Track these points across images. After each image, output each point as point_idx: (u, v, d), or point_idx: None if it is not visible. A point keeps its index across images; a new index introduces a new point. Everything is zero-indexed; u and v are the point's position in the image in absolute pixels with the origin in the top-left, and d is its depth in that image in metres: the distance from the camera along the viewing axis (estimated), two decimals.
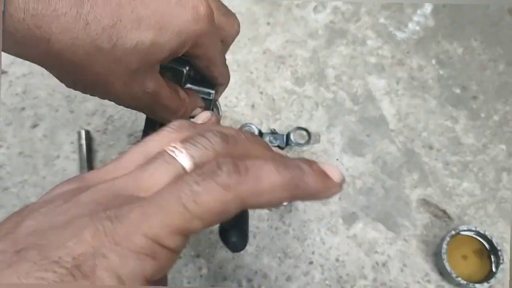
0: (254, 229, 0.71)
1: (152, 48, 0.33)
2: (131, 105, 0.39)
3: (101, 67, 0.32)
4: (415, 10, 0.87)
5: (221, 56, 0.43)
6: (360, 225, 0.72)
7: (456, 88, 0.81)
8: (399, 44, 0.84)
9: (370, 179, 0.74)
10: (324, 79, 0.81)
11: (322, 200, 0.29)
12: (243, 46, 0.82)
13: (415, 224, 0.72)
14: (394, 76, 0.82)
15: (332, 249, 0.70)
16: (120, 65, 0.32)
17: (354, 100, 0.80)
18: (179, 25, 0.34)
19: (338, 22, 0.85)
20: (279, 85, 0.80)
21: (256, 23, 0.84)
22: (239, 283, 0.67)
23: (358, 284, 0.68)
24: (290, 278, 0.68)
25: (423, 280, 0.69)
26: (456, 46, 0.84)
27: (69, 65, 0.32)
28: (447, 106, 0.80)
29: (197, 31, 0.35)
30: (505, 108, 0.80)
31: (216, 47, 0.40)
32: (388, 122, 0.78)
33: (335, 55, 0.83)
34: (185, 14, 0.34)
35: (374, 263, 0.69)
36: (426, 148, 0.77)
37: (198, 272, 0.68)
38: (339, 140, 0.77)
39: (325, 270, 0.69)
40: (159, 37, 0.33)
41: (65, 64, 0.32)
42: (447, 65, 0.83)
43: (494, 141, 0.77)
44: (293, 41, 0.83)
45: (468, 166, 0.76)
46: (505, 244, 0.70)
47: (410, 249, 0.70)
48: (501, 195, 0.74)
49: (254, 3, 0.85)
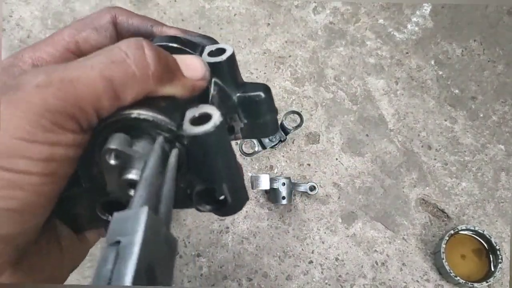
0: (254, 228, 0.71)
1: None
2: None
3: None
4: (414, 11, 0.87)
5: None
6: (359, 224, 0.72)
7: (455, 88, 0.82)
8: (398, 44, 0.84)
9: (369, 178, 0.75)
10: (324, 79, 0.81)
11: (178, 94, 0.25)
12: (243, 46, 0.82)
13: (414, 223, 0.72)
14: (393, 76, 0.82)
15: (332, 248, 0.70)
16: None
17: (353, 100, 0.80)
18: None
19: (338, 23, 0.86)
20: (278, 85, 0.80)
21: (256, 24, 0.84)
22: (239, 282, 0.68)
23: (358, 283, 0.68)
24: (290, 277, 0.68)
25: (422, 279, 0.69)
26: (455, 46, 0.84)
27: None
28: (446, 106, 0.80)
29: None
30: (504, 108, 0.80)
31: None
32: (387, 122, 0.79)
33: (335, 55, 0.83)
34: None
35: (373, 262, 0.70)
36: (425, 148, 0.77)
37: (198, 271, 0.68)
38: (339, 139, 0.77)
39: (324, 269, 0.69)
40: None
41: None
42: (446, 65, 0.83)
43: (493, 141, 0.78)
44: (292, 42, 0.84)
45: (467, 165, 0.76)
46: (504, 244, 0.71)
47: (409, 248, 0.71)
48: (499, 195, 0.74)
49: (254, 4, 0.86)
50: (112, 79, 0.21)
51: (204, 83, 0.26)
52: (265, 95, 0.30)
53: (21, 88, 0.20)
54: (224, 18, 0.84)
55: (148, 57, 0.22)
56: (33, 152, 0.20)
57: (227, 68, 0.29)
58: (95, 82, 0.21)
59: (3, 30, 0.81)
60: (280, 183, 0.68)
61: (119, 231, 0.16)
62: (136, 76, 0.22)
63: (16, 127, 0.20)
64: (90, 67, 0.21)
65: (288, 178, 0.69)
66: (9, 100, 0.20)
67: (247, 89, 0.30)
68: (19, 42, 0.81)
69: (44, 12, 0.83)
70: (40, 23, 0.82)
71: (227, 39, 0.82)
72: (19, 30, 0.81)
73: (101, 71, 0.21)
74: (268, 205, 0.72)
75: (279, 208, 0.72)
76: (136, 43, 0.22)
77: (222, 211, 0.26)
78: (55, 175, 0.21)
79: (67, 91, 0.20)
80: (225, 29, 0.83)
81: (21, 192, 0.20)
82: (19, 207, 0.20)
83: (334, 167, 0.75)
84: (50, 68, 0.21)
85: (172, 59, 0.24)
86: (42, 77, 0.20)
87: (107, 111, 0.22)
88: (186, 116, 0.24)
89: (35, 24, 0.82)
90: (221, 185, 0.25)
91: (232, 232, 0.70)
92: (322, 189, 0.73)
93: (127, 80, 0.22)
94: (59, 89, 0.20)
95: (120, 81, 0.21)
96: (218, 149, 0.24)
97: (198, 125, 0.22)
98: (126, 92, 0.22)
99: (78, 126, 0.21)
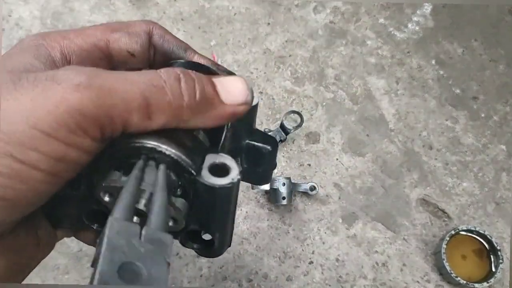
0: (254, 229, 0.71)
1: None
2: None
3: None
4: (415, 10, 0.87)
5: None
6: (360, 224, 0.72)
7: (456, 88, 0.81)
8: (398, 44, 0.84)
9: (370, 178, 0.74)
10: (324, 79, 0.81)
11: (209, 124, 0.24)
12: (243, 46, 0.82)
13: (414, 224, 0.72)
14: (394, 76, 0.82)
15: (332, 249, 0.70)
16: None
17: (354, 100, 0.80)
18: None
19: (338, 22, 0.85)
20: (279, 85, 0.80)
21: (256, 23, 0.84)
22: (239, 283, 0.67)
23: (358, 283, 0.68)
24: (290, 277, 0.68)
25: (422, 280, 0.69)
26: (456, 46, 0.84)
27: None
28: (447, 106, 0.80)
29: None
30: (505, 108, 0.80)
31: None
32: (388, 122, 0.78)
33: (335, 55, 0.83)
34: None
35: (374, 263, 0.70)
36: (426, 148, 0.77)
37: (198, 272, 0.68)
38: (339, 139, 0.77)
39: (325, 269, 0.69)
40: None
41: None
42: (447, 65, 0.83)
43: (494, 141, 0.78)
44: (293, 41, 0.83)
45: (467, 166, 0.76)
46: (505, 244, 0.70)
47: (409, 248, 0.71)
48: (500, 195, 0.74)
49: (254, 3, 0.86)
50: (148, 100, 0.21)
51: (247, 108, 0.25)
52: (272, 149, 0.31)
53: (59, 82, 0.20)
54: (224, 18, 0.84)
55: (183, 90, 0.23)
56: (48, 149, 0.20)
57: (248, 115, 0.30)
58: (133, 97, 0.21)
59: (3, 30, 0.80)
60: (280, 183, 0.68)
61: (97, 249, 0.18)
62: (171, 104, 0.22)
63: (40, 119, 0.19)
64: (130, 82, 0.21)
65: (288, 178, 0.69)
66: (43, 89, 0.20)
67: (257, 139, 0.31)
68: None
69: (43, 12, 0.83)
70: (39, 23, 0.82)
71: (227, 38, 0.82)
72: (18, 30, 0.81)
73: (140, 89, 0.21)
74: (268, 206, 0.72)
75: (279, 208, 0.72)
76: (175, 73, 0.23)
77: (205, 252, 0.27)
78: (59, 176, 0.21)
79: (104, 99, 0.20)
80: (225, 28, 0.83)
81: (21, 185, 0.20)
82: (13, 198, 0.20)
83: (335, 167, 0.75)
84: (92, 71, 0.21)
85: (210, 87, 0.24)
86: (83, 78, 0.20)
87: (134, 128, 0.22)
88: (206, 161, 0.24)
89: (34, 23, 0.82)
90: (216, 232, 0.26)
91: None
92: (322, 189, 0.73)
93: (163, 105, 0.22)
94: (97, 95, 0.20)
95: (155, 104, 0.22)
96: (227, 203, 0.24)
97: (216, 176, 0.23)
98: (158, 115, 0.22)
99: (100, 135, 0.21)
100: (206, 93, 0.23)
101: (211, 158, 0.24)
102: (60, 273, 0.66)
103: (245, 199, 0.72)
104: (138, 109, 0.21)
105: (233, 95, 0.24)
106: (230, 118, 0.25)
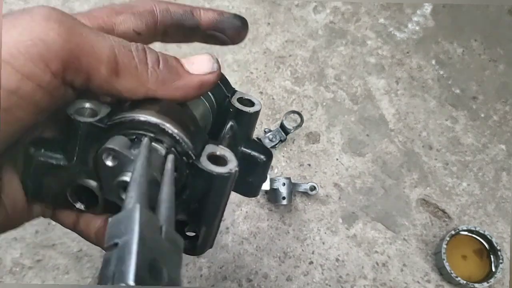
0: (254, 229, 0.71)
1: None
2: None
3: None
4: (415, 11, 0.87)
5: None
6: (360, 224, 0.72)
7: (456, 88, 0.81)
8: (398, 44, 0.84)
9: (370, 178, 0.74)
10: (324, 79, 0.81)
11: (179, 95, 0.25)
12: (243, 46, 0.82)
13: (414, 224, 0.72)
14: (394, 76, 0.82)
15: (332, 249, 0.70)
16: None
17: (354, 100, 0.80)
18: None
19: (338, 22, 0.85)
20: (279, 85, 0.80)
21: (256, 23, 0.84)
22: (239, 283, 0.67)
23: (358, 284, 0.68)
24: (290, 278, 0.68)
25: (422, 280, 0.69)
26: (456, 46, 0.84)
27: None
28: (447, 106, 0.80)
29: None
30: (504, 108, 0.80)
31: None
32: (388, 122, 0.78)
33: (335, 55, 0.83)
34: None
35: (374, 263, 0.69)
36: (426, 148, 0.77)
37: (198, 272, 0.68)
38: (339, 139, 0.77)
39: (325, 270, 0.69)
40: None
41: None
42: (447, 65, 0.83)
43: (494, 141, 0.78)
44: (293, 41, 0.83)
45: (467, 166, 0.76)
46: (505, 244, 0.70)
47: (409, 248, 0.71)
48: (500, 195, 0.74)
49: (254, 3, 0.86)
50: (116, 57, 0.22)
51: (214, 77, 0.26)
52: (267, 160, 0.31)
53: (31, 14, 0.20)
54: None
55: (148, 59, 0.23)
56: (3, 77, 0.19)
57: (248, 121, 0.30)
58: (103, 47, 0.22)
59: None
60: (280, 183, 0.68)
61: (115, 233, 0.16)
62: (137, 68, 0.23)
63: (1, 45, 0.19)
64: (102, 35, 0.22)
65: (288, 178, 0.69)
66: (13, 18, 0.20)
67: (253, 147, 0.31)
68: None
69: None
70: None
71: None
72: None
73: (111, 44, 0.22)
74: (268, 206, 0.72)
75: (279, 208, 0.72)
76: (141, 46, 0.24)
77: (186, 249, 0.26)
78: (11, 114, 0.20)
79: (73, 36, 0.21)
80: None
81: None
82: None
83: (335, 167, 0.75)
84: (69, 15, 0.22)
85: (173, 59, 0.25)
86: (56, 14, 0.21)
87: (98, 81, 0.22)
88: (206, 149, 0.24)
89: None
90: (202, 226, 0.25)
91: (232, 232, 0.70)
92: (322, 190, 0.73)
93: (129, 67, 0.23)
94: (66, 31, 0.20)
95: (122, 63, 0.22)
96: (221, 195, 0.24)
97: (214, 164, 0.23)
98: (125, 76, 0.22)
99: (62, 71, 0.21)
100: (169, 62, 0.24)
101: (211, 148, 0.24)
102: (60, 273, 0.66)
103: (245, 199, 0.72)
104: (107, 61, 0.22)
105: (197, 64, 0.25)
106: (200, 88, 0.25)
